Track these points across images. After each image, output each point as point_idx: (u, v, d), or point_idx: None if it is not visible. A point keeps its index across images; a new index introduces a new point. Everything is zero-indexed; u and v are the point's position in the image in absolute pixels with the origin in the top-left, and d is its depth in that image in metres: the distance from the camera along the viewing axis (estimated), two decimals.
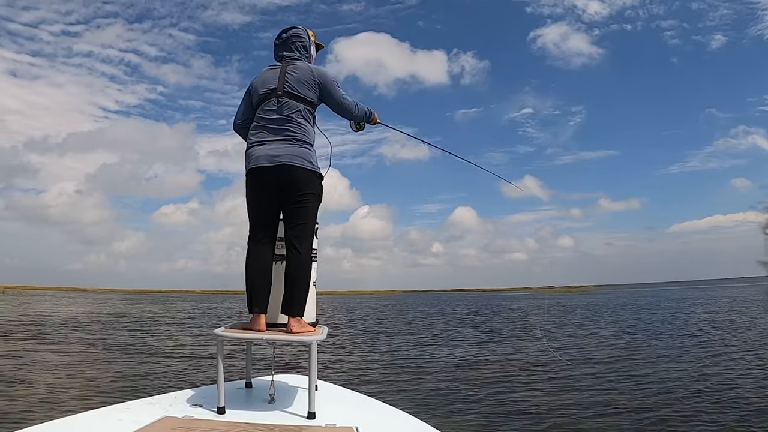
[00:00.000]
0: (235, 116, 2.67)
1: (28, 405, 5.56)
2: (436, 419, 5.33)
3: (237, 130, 2.68)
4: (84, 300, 43.07)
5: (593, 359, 9.93)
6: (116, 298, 55.16)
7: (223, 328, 2.25)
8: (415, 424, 2.13)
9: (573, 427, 5.43)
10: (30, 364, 8.41)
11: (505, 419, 5.71)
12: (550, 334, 14.66)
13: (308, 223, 2.42)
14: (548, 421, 5.64)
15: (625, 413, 5.87)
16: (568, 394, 6.88)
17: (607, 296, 54.36)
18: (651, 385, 7.38)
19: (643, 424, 5.50)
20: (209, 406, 2.11)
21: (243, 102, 2.65)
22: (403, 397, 6.67)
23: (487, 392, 7.03)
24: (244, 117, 2.63)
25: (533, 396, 6.81)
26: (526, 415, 5.87)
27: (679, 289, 74.40)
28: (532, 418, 5.73)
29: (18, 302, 32.59)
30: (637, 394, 6.86)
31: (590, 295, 63.18)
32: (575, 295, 66.68)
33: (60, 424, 1.81)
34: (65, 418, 1.87)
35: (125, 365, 8.64)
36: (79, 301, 40.97)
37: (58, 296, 52.37)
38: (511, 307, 35.08)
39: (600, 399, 6.55)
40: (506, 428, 5.44)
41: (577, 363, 9.48)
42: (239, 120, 2.65)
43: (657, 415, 5.76)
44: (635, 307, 29.52)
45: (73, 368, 8.09)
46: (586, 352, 10.99)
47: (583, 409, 6.08)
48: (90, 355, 9.60)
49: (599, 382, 7.64)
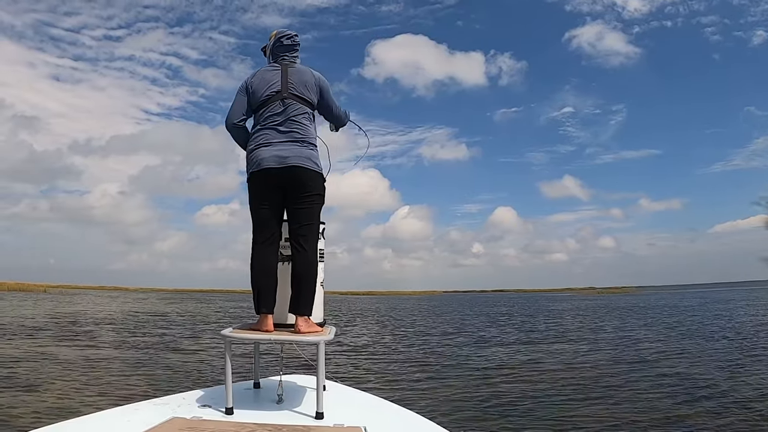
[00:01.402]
0: (230, 114, 2.58)
1: (36, 406, 5.59)
2: (448, 421, 5.21)
3: (231, 129, 2.59)
4: (123, 299, 43.84)
5: (635, 361, 9.53)
6: (156, 297, 55.85)
7: (231, 329, 2.26)
8: (424, 424, 2.10)
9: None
10: (46, 362, 8.45)
11: (521, 424, 5.49)
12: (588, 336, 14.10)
13: (314, 223, 2.45)
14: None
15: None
16: (602, 402, 6.45)
17: (648, 297, 52.38)
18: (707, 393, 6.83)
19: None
20: (217, 407, 2.11)
21: (238, 101, 2.58)
22: (418, 399, 6.53)
23: (507, 397, 6.75)
24: (241, 116, 2.58)
25: (555, 402, 6.42)
26: (545, 421, 5.60)
27: (722, 291, 71.04)
28: (551, 425, 5.46)
29: (57, 301, 32.92)
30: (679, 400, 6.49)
31: (633, 296, 60.80)
32: (616, 296, 64.52)
33: (69, 425, 1.84)
34: (74, 419, 1.89)
35: (136, 364, 8.65)
36: (118, 300, 41.85)
37: (99, 295, 52.96)
38: (550, 308, 34.08)
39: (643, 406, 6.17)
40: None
41: (612, 365, 9.13)
42: (236, 119, 2.57)
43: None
44: (678, 308, 28.20)
45: (89, 367, 8.13)
46: (626, 354, 10.54)
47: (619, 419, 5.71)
48: (108, 354, 9.67)
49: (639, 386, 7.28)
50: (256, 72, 2.60)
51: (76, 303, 31.17)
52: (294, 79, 2.52)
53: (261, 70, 2.60)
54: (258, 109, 2.52)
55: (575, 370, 8.86)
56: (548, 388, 7.27)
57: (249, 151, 2.48)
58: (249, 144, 2.51)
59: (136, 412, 2.02)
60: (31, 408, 5.44)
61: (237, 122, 2.58)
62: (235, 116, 2.58)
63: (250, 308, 2.62)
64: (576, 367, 9.17)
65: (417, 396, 6.79)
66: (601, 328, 16.90)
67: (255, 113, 2.55)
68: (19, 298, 34.38)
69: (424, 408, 5.87)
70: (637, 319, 20.77)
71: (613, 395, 6.76)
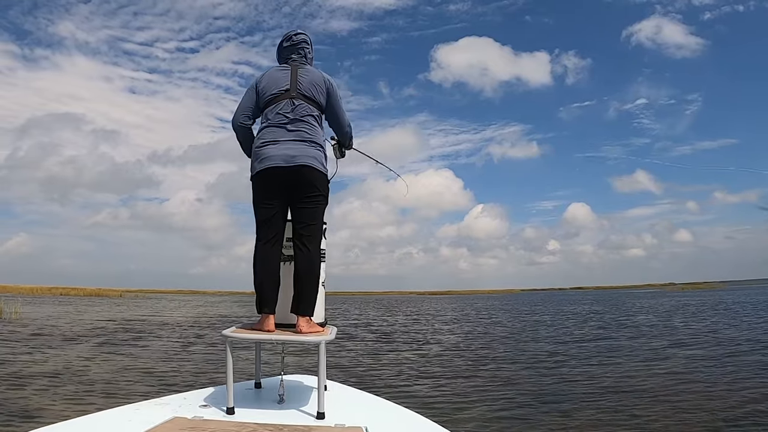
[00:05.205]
0: (237, 113, 2.57)
1: (36, 406, 5.52)
2: (453, 422, 5.08)
3: (237, 129, 2.59)
4: (196, 302, 44.11)
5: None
6: (231, 299, 56.47)
7: (233, 329, 2.27)
8: (425, 424, 2.08)
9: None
10: (59, 362, 8.37)
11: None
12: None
13: (318, 223, 2.45)
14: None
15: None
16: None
17: (735, 293, 48.49)
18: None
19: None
20: (219, 407, 2.12)
21: (246, 98, 2.58)
22: (426, 399, 6.33)
23: (527, 398, 6.40)
24: (248, 115, 2.57)
25: (570, 409, 5.90)
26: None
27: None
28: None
29: (126, 305, 32.66)
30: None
31: (724, 292, 56.23)
32: (701, 291, 60.58)
33: (71, 424, 1.86)
34: (76, 419, 1.91)
35: (148, 364, 8.54)
36: (192, 303, 42.33)
37: (174, 299, 53.40)
38: (625, 305, 32.19)
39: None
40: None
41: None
42: (243, 119, 2.57)
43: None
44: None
45: (98, 369, 8.00)
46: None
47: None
48: (126, 356, 9.45)
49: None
50: (266, 72, 2.59)
51: (145, 307, 31.35)
52: (303, 80, 2.51)
53: (271, 70, 2.59)
54: (266, 108, 2.51)
55: (612, 374, 7.97)
56: (563, 394, 6.81)
57: (255, 149, 2.47)
58: (255, 141, 2.51)
59: (137, 411, 2.03)
60: (31, 408, 5.42)
61: (243, 123, 2.57)
62: (241, 115, 2.57)
63: (331, 309, 2.59)
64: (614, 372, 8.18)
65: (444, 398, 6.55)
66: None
67: (262, 111, 2.53)
68: (90, 303, 34.54)
69: (432, 407, 5.68)
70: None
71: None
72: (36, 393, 6.14)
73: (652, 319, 19.56)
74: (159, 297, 60.85)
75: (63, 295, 48.47)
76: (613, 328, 16.18)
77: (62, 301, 35.02)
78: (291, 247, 2.42)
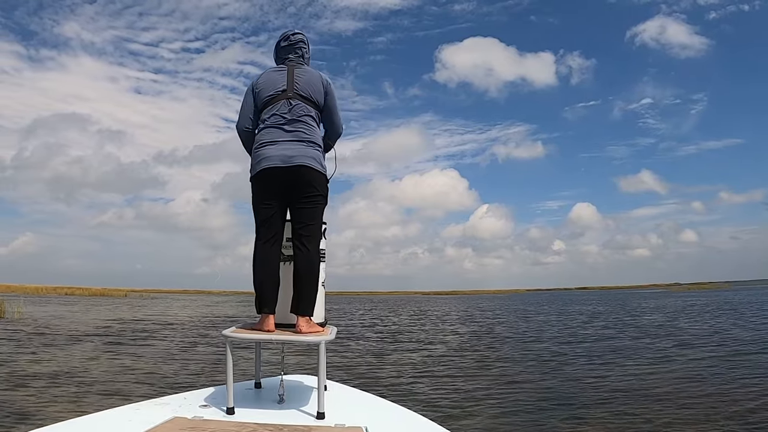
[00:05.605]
0: (240, 118, 2.58)
1: (37, 406, 5.55)
2: (457, 423, 5.11)
3: (241, 134, 2.59)
4: (201, 302, 44.11)
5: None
6: (235, 299, 56.54)
7: (233, 329, 2.26)
8: (425, 424, 2.08)
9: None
10: (55, 362, 8.38)
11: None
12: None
13: (317, 223, 2.45)
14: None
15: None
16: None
17: (741, 293, 48.15)
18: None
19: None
20: (219, 407, 2.11)
21: (246, 103, 2.57)
22: (429, 399, 6.32)
23: (526, 399, 6.36)
24: (251, 120, 2.55)
25: (576, 411, 5.85)
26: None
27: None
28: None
29: (130, 305, 32.76)
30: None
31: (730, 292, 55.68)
32: (707, 292, 60.08)
33: (70, 424, 1.86)
34: (76, 419, 1.91)
35: (147, 364, 8.56)
36: (196, 302, 42.30)
37: (179, 299, 53.44)
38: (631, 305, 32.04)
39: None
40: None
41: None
42: (246, 124, 2.56)
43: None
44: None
45: (95, 369, 7.99)
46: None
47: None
48: (121, 356, 9.42)
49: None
50: (263, 73, 2.59)
51: (149, 307, 31.29)
52: (300, 80, 2.51)
53: (267, 72, 2.59)
54: (263, 109, 2.51)
55: (611, 376, 7.98)
56: (565, 396, 6.76)
57: (254, 150, 2.47)
58: (255, 142, 2.50)
59: (137, 411, 2.03)
60: (31, 408, 5.43)
61: (247, 127, 2.57)
62: (244, 120, 2.57)
63: (337, 309, 2.59)
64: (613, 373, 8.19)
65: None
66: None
67: (260, 113, 2.53)
68: (95, 302, 34.48)
69: (433, 406, 5.66)
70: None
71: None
72: (36, 393, 6.16)
73: (658, 319, 19.49)
74: (164, 297, 61.16)
75: (68, 294, 48.71)
76: (618, 328, 16.15)
77: (67, 301, 35.18)
78: (291, 247, 2.42)
